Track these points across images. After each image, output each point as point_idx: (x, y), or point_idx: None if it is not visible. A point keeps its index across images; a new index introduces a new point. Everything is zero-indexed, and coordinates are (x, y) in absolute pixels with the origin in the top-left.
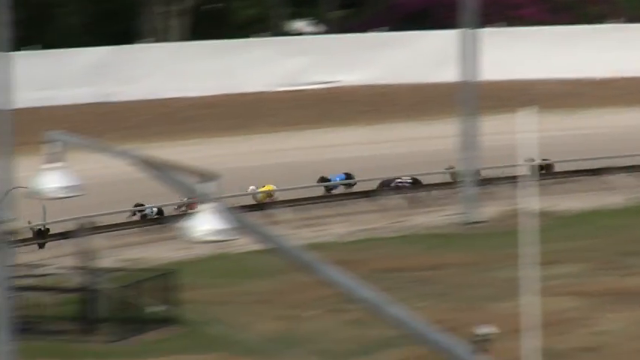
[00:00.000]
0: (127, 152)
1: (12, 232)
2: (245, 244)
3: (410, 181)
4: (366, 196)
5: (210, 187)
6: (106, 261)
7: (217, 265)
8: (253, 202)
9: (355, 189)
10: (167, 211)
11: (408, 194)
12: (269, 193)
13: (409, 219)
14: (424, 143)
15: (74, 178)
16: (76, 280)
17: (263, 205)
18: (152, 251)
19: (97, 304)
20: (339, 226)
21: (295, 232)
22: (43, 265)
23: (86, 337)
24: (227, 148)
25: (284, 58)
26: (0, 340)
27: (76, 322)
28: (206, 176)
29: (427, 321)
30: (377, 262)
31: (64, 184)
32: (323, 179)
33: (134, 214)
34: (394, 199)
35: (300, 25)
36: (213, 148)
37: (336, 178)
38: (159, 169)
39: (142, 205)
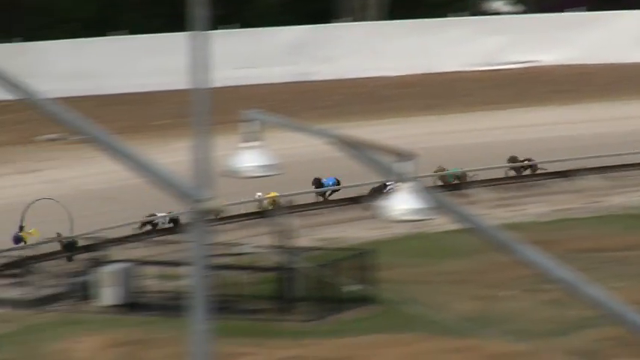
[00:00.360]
0: (324, 131)
1: (210, 211)
2: (442, 223)
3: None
4: (563, 177)
5: (407, 167)
6: (303, 240)
7: (414, 244)
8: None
9: (550, 169)
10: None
11: (606, 174)
12: (274, 200)
13: (606, 199)
14: (622, 123)
15: (271, 157)
16: (273, 259)
17: (459, 185)
18: (349, 230)
19: (294, 284)
20: (535, 206)
21: (491, 212)
22: (240, 244)
23: (283, 316)
24: (422, 128)
25: (481, 37)
26: (196, 319)
27: (272, 301)
28: (403, 155)
29: (624, 301)
30: (573, 243)
31: (262, 162)
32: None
33: (144, 225)
34: (591, 180)
35: (497, 4)
36: (408, 128)
37: (328, 181)
38: (356, 148)
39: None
